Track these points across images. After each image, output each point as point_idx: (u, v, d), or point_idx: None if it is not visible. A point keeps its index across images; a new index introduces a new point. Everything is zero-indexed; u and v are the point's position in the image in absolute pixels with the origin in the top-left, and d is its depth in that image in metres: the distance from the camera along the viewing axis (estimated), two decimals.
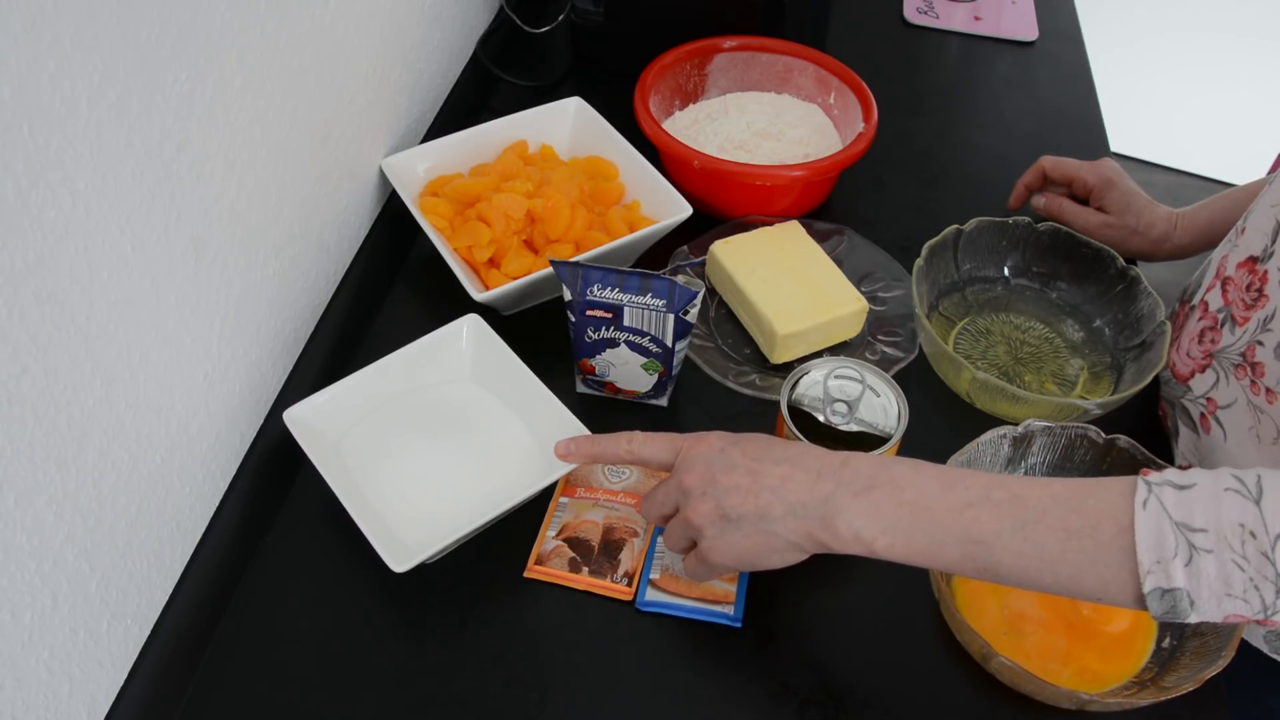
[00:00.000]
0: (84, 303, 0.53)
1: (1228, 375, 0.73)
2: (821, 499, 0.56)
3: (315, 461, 0.69)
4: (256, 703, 0.65)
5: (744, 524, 0.58)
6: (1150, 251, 0.91)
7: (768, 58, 1.05)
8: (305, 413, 0.72)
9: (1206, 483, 0.49)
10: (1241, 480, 0.49)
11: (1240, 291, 0.72)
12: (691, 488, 0.60)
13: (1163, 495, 0.49)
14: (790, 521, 0.57)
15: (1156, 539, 0.49)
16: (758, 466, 0.59)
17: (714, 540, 0.60)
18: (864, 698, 0.66)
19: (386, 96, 0.90)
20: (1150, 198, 0.92)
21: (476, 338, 0.79)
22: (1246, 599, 0.48)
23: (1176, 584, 0.48)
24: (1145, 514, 0.49)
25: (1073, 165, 0.94)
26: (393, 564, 0.64)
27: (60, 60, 0.49)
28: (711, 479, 0.59)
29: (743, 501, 0.58)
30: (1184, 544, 0.48)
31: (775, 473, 0.58)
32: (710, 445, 0.61)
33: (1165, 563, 0.48)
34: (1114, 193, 0.91)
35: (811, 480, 0.57)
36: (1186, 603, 0.48)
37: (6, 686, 0.52)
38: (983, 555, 0.53)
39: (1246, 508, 0.48)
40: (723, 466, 0.60)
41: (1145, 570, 0.49)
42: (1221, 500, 0.48)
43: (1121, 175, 0.92)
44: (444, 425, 0.75)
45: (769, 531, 0.58)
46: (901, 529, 0.54)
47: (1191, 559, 0.48)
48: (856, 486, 0.56)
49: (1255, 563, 0.47)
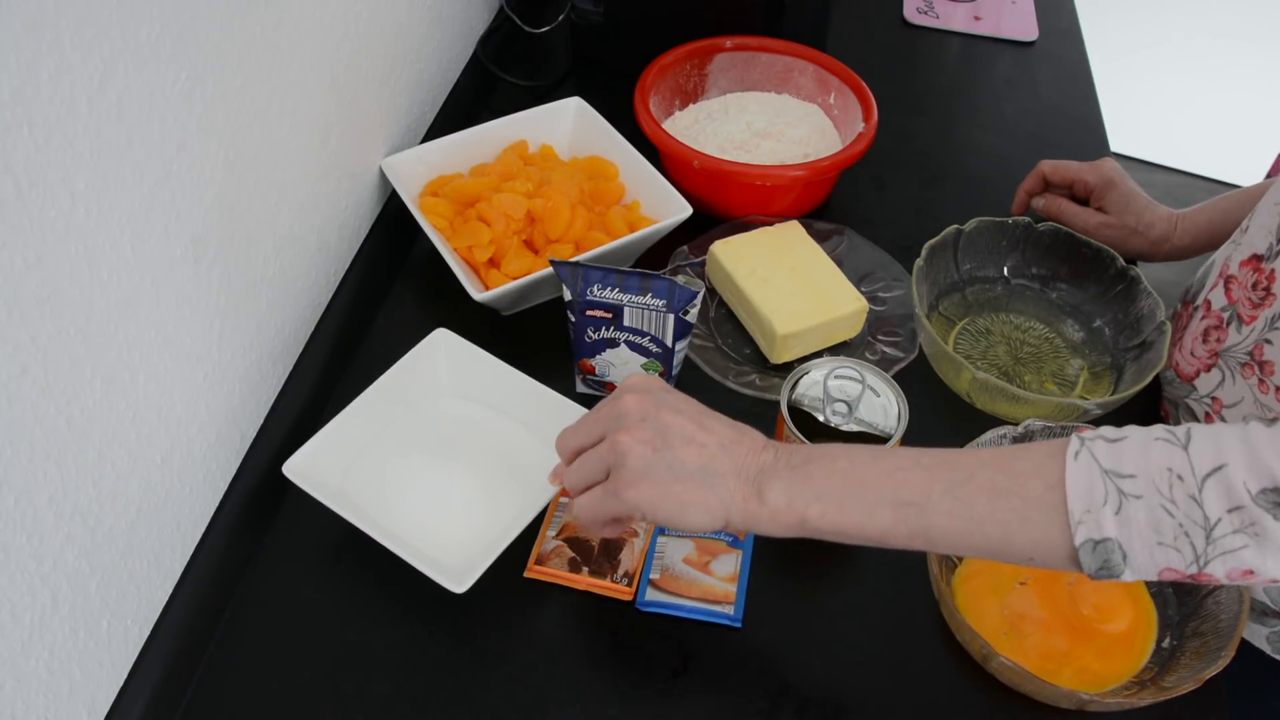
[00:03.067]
0: (84, 303, 0.53)
1: (1234, 374, 0.73)
2: (761, 467, 0.56)
3: (330, 506, 0.67)
4: (256, 703, 0.65)
5: (680, 470, 0.55)
6: (1150, 252, 0.91)
7: (768, 58, 1.05)
8: (303, 462, 0.70)
9: (1137, 435, 0.50)
10: (1171, 431, 0.49)
11: (1246, 290, 0.72)
12: (630, 410, 0.57)
13: (1094, 447, 0.50)
14: (732, 481, 0.55)
15: (1086, 487, 0.49)
16: (703, 420, 0.57)
17: (637, 473, 0.55)
18: (864, 698, 0.66)
19: (386, 96, 0.90)
20: (1150, 198, 0.92)
21: (451, 351, 0.78)
22: (1178, 547, 0.48)
23: (1108, 534, 0.48)
24: (1076, 464, 0.49)
25: (1073, 167, 0.94)
26: (453, 586, 0.63)
27: (60, 60, 0.49)
28: (655, 410, 0.56)
29: (684, 447, 0.56)
30: (1114, 490, 0.48)
31: (723, 431, 0.57)
32: (652, 381, 0.59)
33: (1095, 511, 0.48)
34: (1114, 193, 0.91)
35: (757, 448, 0.57)
36: (1119, 555, 0.48)
37: (6, 686, 0.52)
38: (914, 517, 0.53)
39: (1174, 453, 0.48)
40: (667, 405, 0.57)
41: (1076, 521, 0.48)
42: (1150, 448, 0.49)
43: (1122, 175, 0.92)
44: (442, 444, 0.75)
45: (707, 485, 0.55)
46: (833, 495, 0.54)
47: (1121, 506, 0.48)
48: (795, 461, 0.56)
49: (1184, 507, 0.47)
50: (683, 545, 0.72)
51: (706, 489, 0.55)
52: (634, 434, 0.56)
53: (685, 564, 0.71)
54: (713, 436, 0.57)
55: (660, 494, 0.55)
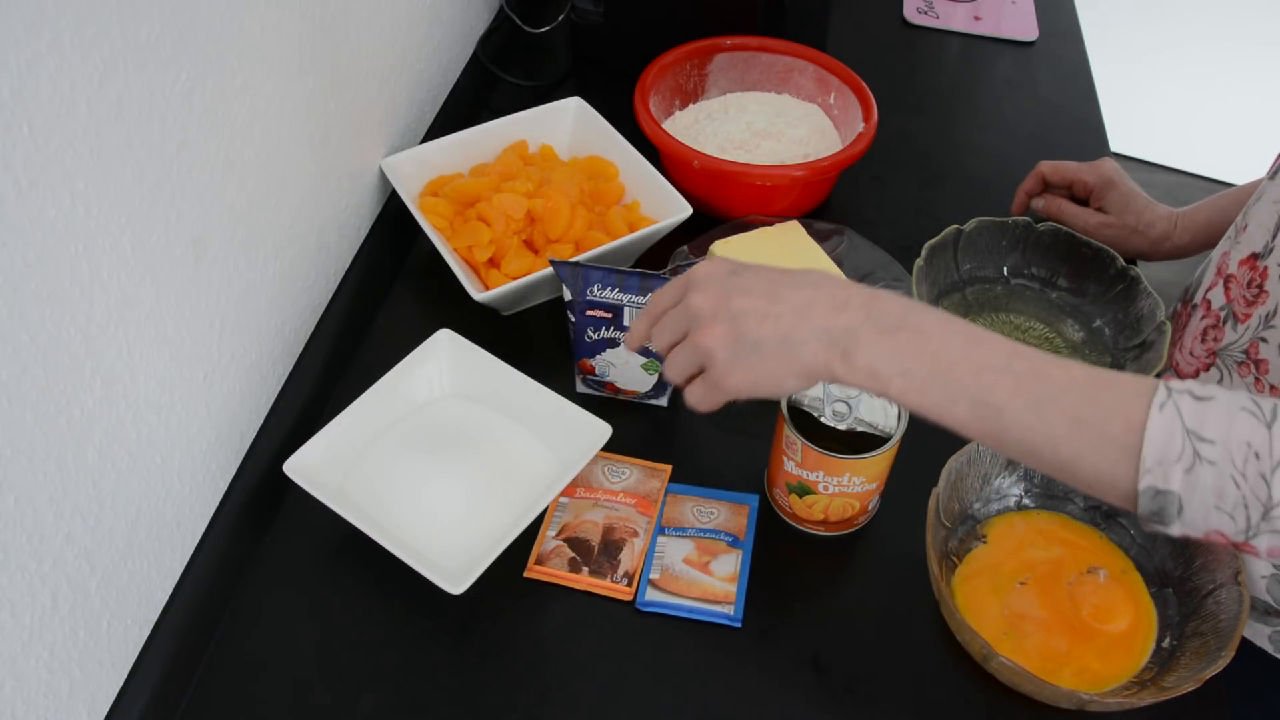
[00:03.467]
0: (84, 303, 0.53)
1: (1231, 373, 0.73)
2: (846, 329, 0.55)
3: (330, 506, 0.67)
4: (256, 703, 0.65)
5: (763, 347, 0.56)
6: (1150, 251, 0.91)
7: (768, 58, 1.05)
8: (303, 461, 0.70)
9: (1224, 399, 0.50)
10: (1258, 404, 0.50)
11: (1241, 288, 0.72)
12: (702, 310, 0.58)
13: (1180, 402, 0.50)
14: (814, 345, 0.56)
15: (1165, 440, 0.49)
16: (775, 290, 0.57)
17: (727, 365, 0.57)
18: (864, 697, 0.66)
19: (386, 96, 0.90)
20: (1150, 197, 0.92)
21: (452, 351, 0.78)
22: (1234, 516, 0.49)
23: (1172, 487, 0.49)
24: (1160, 416, 0.50)
25: (1072, 168, 0.94)
26: (450, 588, 0.63)
27: (60, 60, 0.49)
28: (725, 301, 0.57)
29: (760, 325, 0.56)
30: (1190, 451, 0.49)
31: (797, 296, 0.57)
32: (718, 267, 0.59)
33: (1166, 464, 0.49)
34: (1113, 192, 0.91)
35: (837, 308, 0.56)
36: (1175, 508, 0.49)
37: (6, 686, 0.52)
38: (992, 419, 0.53)
39: (1257, 429, 0.49)
40: (737, 289, 0.58)
41: (1146, 468, 0.49)
42: (1235, 418, 0.49)
43: (1121, 175, 0.93)
44: (444, 444, 0.74)
45: (791, 355, 0.56)
46: (919, 376, 0.54)
47: (1193, 466, 0.49)
48: (883, 325, 0.55)
49: (1252, 482, 0.48)
50: (683, 545, 0.72)
51: (792, 358, 0.56)
52: (710, 332, 0.57)
53: (685, 564, 0.71)
54: (786, 305, 0.57)
55: (753, 376, 0.57)
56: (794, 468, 0.69)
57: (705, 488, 0.76)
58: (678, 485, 0.76)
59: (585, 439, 0.72)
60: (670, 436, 0.80)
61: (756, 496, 0.75)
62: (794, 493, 0.71)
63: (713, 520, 0.73)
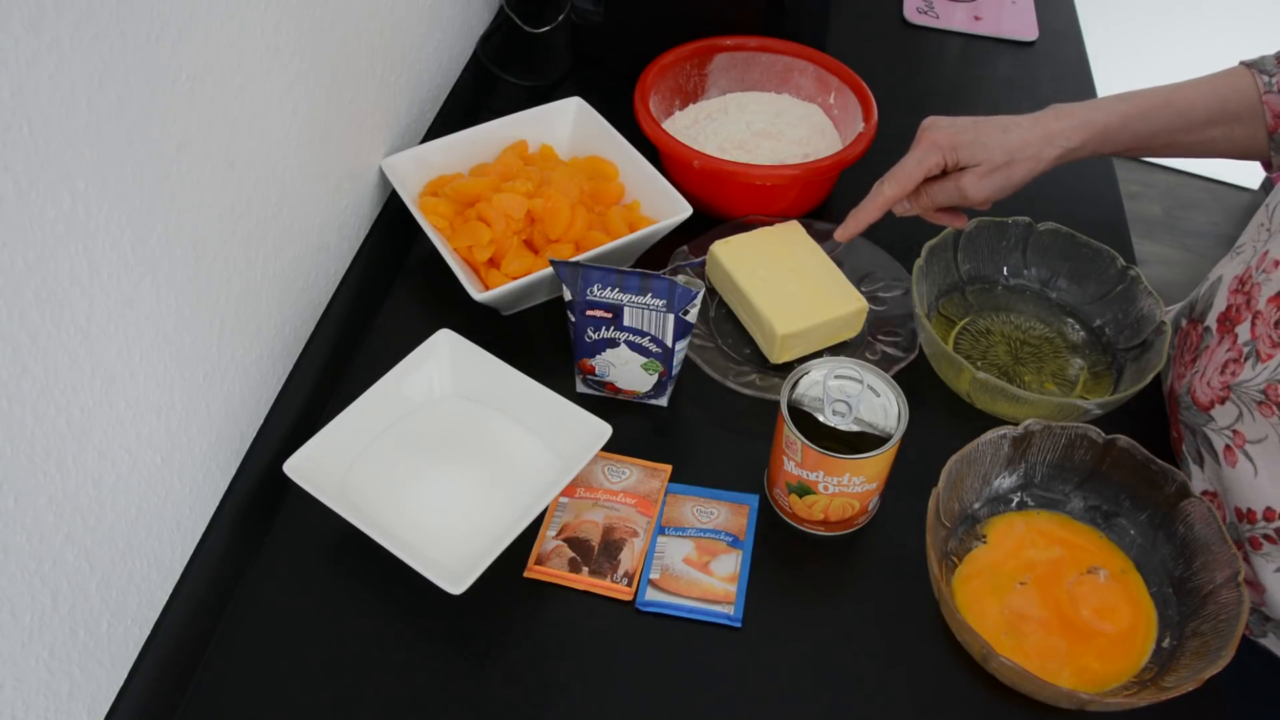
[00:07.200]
0: (84, 303, 0.53)
1: (1251, 411, 0.71)
2: None
3: (330, 505, 0.67)
4: (256, 703, 0.65)
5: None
6: (1047, 168, 0.81)
7: (768, 58, 1.05)
8: (303, 461, 0.70)
9: None
10: None
11: (1268, 327, 0.71)
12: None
13: None
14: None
15: None
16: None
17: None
18: (864, 697, 0.66)
19: (386, 96, 0.90)
20: (1004, 118, 0.81)
21: (453, 351, 0.78)
22: None
23: None
24: None
25: (907, 166, 0.81)
26: (450, 587, 0.63)
27: (60, 60, 0.49)
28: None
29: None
30: None
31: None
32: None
33: None
34: (963, 144, 0.79)
35: None
36: None
37: (6, 686, 0.52)
38: None
39: None
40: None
41: None
42: None
43: (952, 122, 0.81)
44: (444, 444, 0.74)
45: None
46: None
47: None
48: None
49: None
50: (683, 545, 0.72)
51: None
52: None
53: (685, 564, 0.71)
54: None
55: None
56: (794, 468, 0.69)
57: (705, 488, 0.76)
58: (678, 485, 0.76)
59: (585, 439, 0.72)
60: (670, 436, 0.80)
61: (756, 496, 0.75)
62: (794, 493, 0.71)
63: (713, 520, 0.74)
